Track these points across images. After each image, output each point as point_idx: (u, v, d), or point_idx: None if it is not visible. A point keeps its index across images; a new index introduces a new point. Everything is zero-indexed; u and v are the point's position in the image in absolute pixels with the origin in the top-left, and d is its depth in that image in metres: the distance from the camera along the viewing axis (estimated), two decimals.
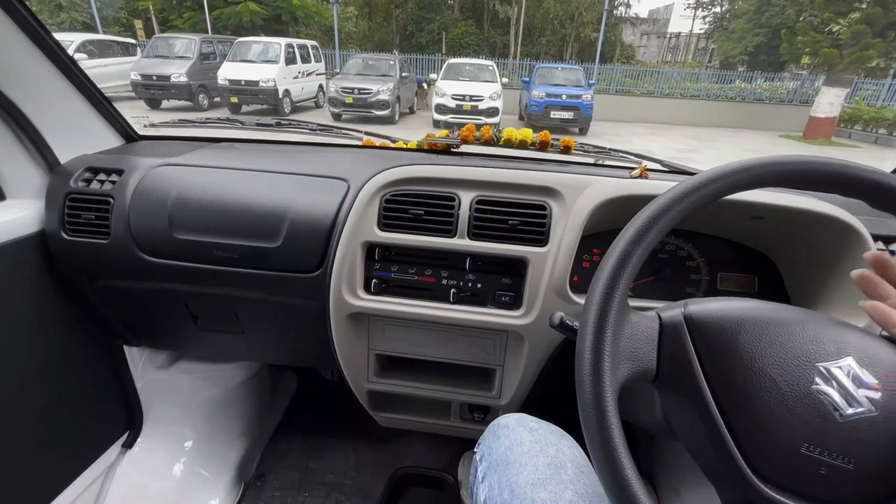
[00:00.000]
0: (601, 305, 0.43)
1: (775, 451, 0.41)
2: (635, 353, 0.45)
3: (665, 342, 0.46)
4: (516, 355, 0.91)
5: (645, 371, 0.45)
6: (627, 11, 26.03)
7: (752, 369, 0.43)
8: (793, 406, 0.41)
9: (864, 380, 0.41)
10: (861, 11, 10.05)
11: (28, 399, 0.95)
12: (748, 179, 0.45)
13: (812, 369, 0.42)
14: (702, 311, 0.47)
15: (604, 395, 0.41)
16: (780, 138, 11.31)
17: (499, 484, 0.61)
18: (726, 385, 0.43)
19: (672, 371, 0.45)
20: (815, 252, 0.81)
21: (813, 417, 0.40)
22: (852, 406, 0.40)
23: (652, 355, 0.46)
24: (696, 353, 0.45)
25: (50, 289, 0.98)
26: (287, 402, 1.62)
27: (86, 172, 0.97)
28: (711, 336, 0.45)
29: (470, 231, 0.86)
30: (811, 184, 0.46)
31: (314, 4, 15.62)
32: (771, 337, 0.44)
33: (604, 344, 0.42)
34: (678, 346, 0.45)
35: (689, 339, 0.45)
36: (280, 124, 1.19)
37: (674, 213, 0.45)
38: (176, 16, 15.68)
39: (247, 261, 0.90)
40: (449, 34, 21.59)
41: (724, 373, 0.44)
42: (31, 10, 0.84)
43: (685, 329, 0.46)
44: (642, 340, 0.46)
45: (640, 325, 0.46)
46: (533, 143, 1.09)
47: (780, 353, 0.43)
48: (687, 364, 0.45)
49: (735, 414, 0.42)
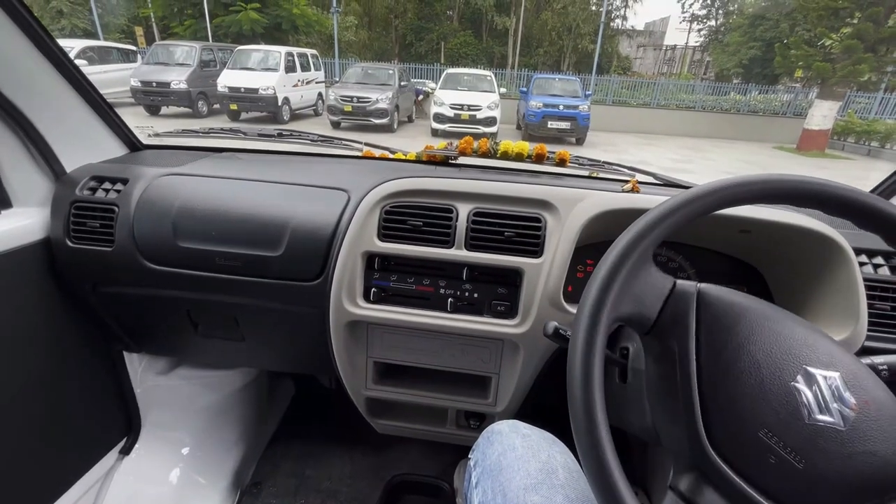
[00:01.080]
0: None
1: (735, 426, 0.43)
2: (642, 298, 0.48)
3: (671, 301, 0.49)
4: (512, 363, 0.93)
5: (644, 316, 0.49)
6: (624, 24, 26.40)
7: (743, 348, 0.45)
8: (766, 392, 0.43)
9: (844, 396, 0.42)
10: (853, 27, 10.24)
11: (28, 403, 0.96)
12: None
13: (798, 368, 0.44)
14: (713, 291, 0.50)
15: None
16: (775, 150, 11.43)
17: (492, 489, 0.63)
18: (714, 354, 0.46)
19: (668, 325, 0.48)
20: (801, 265, 0.84)
21: (781, 408, 0.42)
22: (823, 413, 0.42)
23: (656, 306, 0.49)
24: (697, 319, 0.48)
25: (53, 295, 0.99)
26: (284, 409, 1.62)
27: (91, 181, 0.99)
28: (715, 311, 0.48)
29: (467, 242, 0.88)
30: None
31: (314, 13, 15.77)
32: (770, 329, 0.46)
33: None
34: (682, 309, 0.49)
35: (694, 307, 0.48)
36: (282, 135, 1.22)
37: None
38: (177, 23, 15.77)
39: (249, 269, 0.92)
40: (448, 44, 21.80)
41: (716, 344, 0.46)
42: (37, 19, 0.86)
43: (694, 298, 0.49)
44: (652, 291, 0.49)
45: (654, 278, 0.49)
46: (529, 156, 1.11)
47: (774, 345, 0.45)
48: (684, 325, 0.48)
49: (711, 380, 0.45)
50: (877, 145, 11.02)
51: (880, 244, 0.86)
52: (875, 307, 0.80)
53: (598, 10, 20.66)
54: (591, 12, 21.89)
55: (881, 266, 0.85)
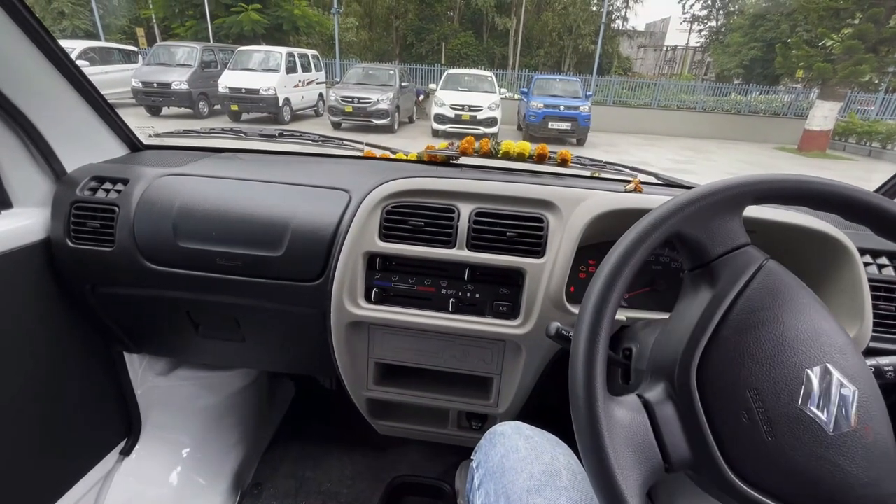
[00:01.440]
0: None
1: (728, 372, 0.44)
2: (715, 233, 0.47)
3: (736, 254, 0.48)
4: (513, 364, 0.92)
5: (705, 248, 0.48)
6: (625, 24, 26.41)
7: (778, 319, 0.45)
8: (777, 363, 0.43)
9: (849, 411, 0.41)
10: (854, 27, 10.24)
11: (28, 405, 0.96)
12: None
13: (820, 361, 0.43)
14: (779, 268, 0.49)
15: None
16: (776, 150, 11.42)
17: (495, 491, 0.62)
18: (747, 310, 0.45)
19: (719, 271, 0.47)
20: (805, 265, 0.83)
21: (781, 382, 0.42)
22: (818, 408, 0.41)
23: (722, 248, 0.48)
24: (749, 280, 0.47)
25: (53, 295, 0.99)
26: (284, 410, 1.62)
27: (92, 181, 0.98)
28: (771, 282, 0.47)
29: (469, 242, 0.87)
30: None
31: (315, 14, 15.81)
32: (814, 320, 0.45)
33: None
34: (741, 265, 0.47)
35: (753, 270, 0.47)
36: (283, 135, 1.21)
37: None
38: (178, 24, 15.80)
39: (249, 269, 0.91)
40: (448, 45, 21.83)
41: (755, 303, 0.46)
42: (39, 19, 0.86)
43: (757, 264, 0.48)
44: (727, 234, 0.48)
45: (735, 227, 0.48)
46: (531, 156, 1.11)
47: (809, 332, 0.44)
48: (735, 277, 0.47)
49: (730, 328, 0.45)
50: (878, 146, 11.02)
51: (885, 244, 0.86)
52: (880, 308, 0.80)
53: (598, 10, 20.68)
54: (592, 13, 21.91)
55: (886, 266, 0.85)
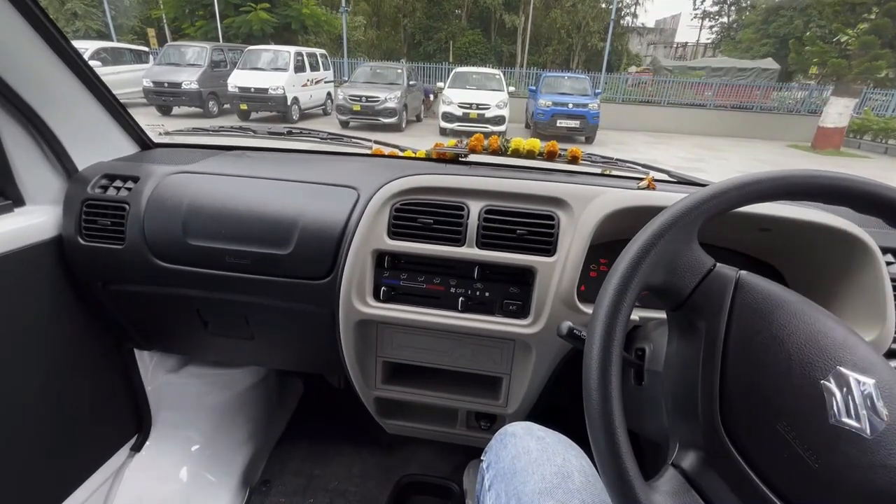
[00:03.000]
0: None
1: (753, 414, 0.41)
2: (677, 270, 0.46)
3: (709, 280, 0.47)
4: (523, 364, 0.91)
5: (677, 288, 0.47)
6: (634, 21, 26.14)
7: (776, 338, 0.43)
8: (793, 386, 0.41)
9: (876, 406, 0.40)
10: (870, 22, 10.05)
11: (39, 400, 0.97)
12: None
13: (831, 368, 0.41)
14: (754, 279, 0.48)
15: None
16: (789, 148, 11.25)
17: (506, 493, 0.61)
18: (744, 339, 0.44)
19: (700, 303, 0.47)
20: (823, 264, 0.81)
21: (806, 405, 0.40)
22: (850, 417, 0.39)
23: (692, 281, 0.47)
24: (732, 303, 0.46)
25: (64, 293, 1.00)
26: (293, 407, 1.62)
27: (103, 179, 0.99)
28: (752, 298, 0.46)
29: (478, 240, 0.86)
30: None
31: (324, 13, 15.83)
32: (807, 324, 0.44)
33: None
34: (718, 289, 0.47)
35: (730, 291, 0.47)
36: (291, 133, 1.21)
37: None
38: (188, 24, 15.94)
39: (258, 267, 0.91)
40: (456, 43, 21.78)
41: (748, 329, 0.44)
42: (52, 20, 0.87)
43: (733, 283, 0.47)
44: (690, 265, 0.47)
45: (694, 254, 0.48)
46: (541, 153, 1.10)
47: (809, 340, 0.43)
48: (718, 305, 0.46)
49: (736, 366, 0.43)
50: (894, 143, 10.80)
51: None
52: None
53: (607, 7, 20.52)
54: (601, 10, 21.72)
55: None
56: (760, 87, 13.75)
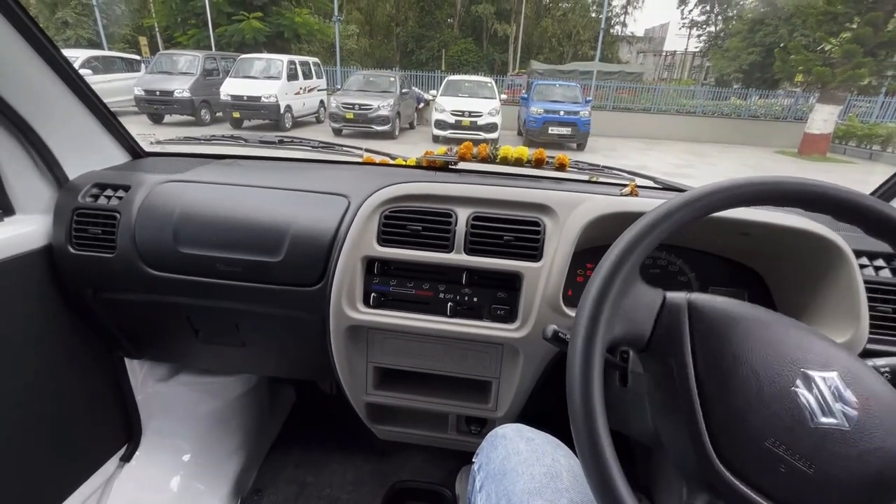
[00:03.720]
0: (589, 320, 0.45)
1: (741, 438, 0.42)
2: (632, 316, 0.48)
3: (663, 315, 0.49)
4: (512, 368, 0.92)
5: (638, 334, 0.48)
6: (624, 30, 26.62)
7: (739, 358, 0.44)
8: (769, 401, 0.42)
9: (844, 395, 0.42)
10: (852, 31, 10.27)
11: (29, 410, 0.96)
12: (727, 199, 0.48)
13: (796, 373, 0.43)
14: (705, 301, 0.49)
15: (593, 405, 0.42)
16: (777, 154, 11.42)
17: (496, 493, 0.62)
18: (711, 367, 0.45)
19: (663, 342, 0.48)
20: (801, 267, 0.84)
21: (785, 415, 0.42)
22: (826, 416, 0.41)
23: (648, 323, 0.48)
24: (691, 331, 0.47)
25: (55, 302, 1.00)
26: (285, 415, 1.62)
27: (93, 188, 0.99)
28: (708, 321, 0.47)
29: (466, 246, 0.88)
30: (785, 202, 0.48)
31: (316, 22, 15.89)
32: (764, 336, 0.46)
33: (593, 355, 0.44)
34: (674, 322, 0.48)
35: (686, 319, 0.48)
36: (283, 141, 1.22)
37: (657, 233, 0.47)
38: (180, 33, 15.93)
39: (249, 275, 0.92)
40: (448, 51, 21.96)
41: (712, 355, 0.46)
42: (41, 28, 0.87)
43: (686, 311, 0.48)
44: (643, 307, 0.48)
45: (642, 294, 0.49)
46: (529, 161, 1.12)
47: (769, 351, 0.44)
48: (679, 338, 0.47)
49: (712, 394, 0.44)
50: (878, 149, 11.02)
51: (881, 246, 0.86)
52: (877, 309, 0.80)
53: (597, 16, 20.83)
54: (591, 19, 22.09)
55: (882, 268, 0.85)
56: (627, 89, 14.36)
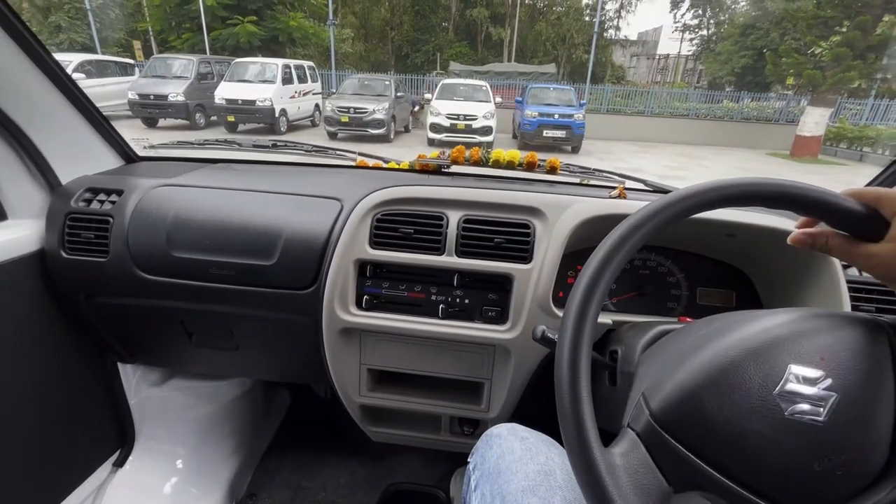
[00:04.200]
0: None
1: (798, 485, 0.42)
2: (647, 489, 0.44)
3: (657, 456, 0.46)
4: (503, 369, 0.93)
5: (663, 495, 0.45)
6: (617, 34, 26.81)
7: (735, 434, 0.44)
8: (784, 441, 0.42)
9: (809, 376, 0.43)
10: (842, 35, 10.39)
11: (21, 415, 0.96)
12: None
13: (774, 399, 0.43)
14: (663, 404, 0.48)
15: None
16: (769, 156, 11.54)
17: (490, 492, 0.63)
18: (726, 459, 0.44)
19: (681, 476, 0.45)
20: (785, 267, 0.85)
21: (804, 438, 0.42)
22: (821, 406, 0.42)
23: (659, 478, 0.45)
24: (686, 448, 0.45)
25: (47, 307, 0.99)
26: (280, 419, 1.61)
27: (86, 193, 0.99)
28: (686, 425, 0.46)
29: (457, 249, 0.89)
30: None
31: (311, 26, 15.90)
32: (728, 395, 0.45)
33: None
34: (670, 454, 0.46)
35: (673, 442, 0.46)
36: (276, 145, 1.23)
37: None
38: (175, 37, 15.87)
39: (242, 278, 0.93)
40: (443, 55, 22.01)
41: (717, 449, 0.44)
42: (32, 32, 0.87)
43: (664, 434, 0.46)
44: (642, 474, 0.45)
45: (631, 462, 0.46)
46: (520, 164, 1.13)
47: (744, 405, 0.44)
48: (687, 463, 0.45)
49: (748, 476, 0.43)
50: (869, 150, 11.15)
51: None
52: (860, 309, 0.81)
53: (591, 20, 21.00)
54: (585, 23, 22.24)
55: None
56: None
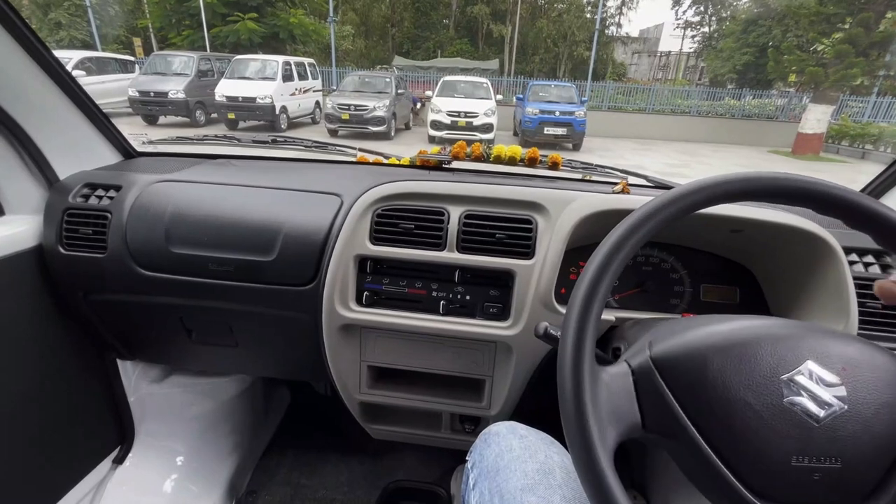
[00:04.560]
0: (579, 316, 0.45)
1: (769, 470, 0.43)
2: (619, 413, 0.46)
3: (642, 392, 0.47)
4: (505, 366, 0.92)
5: (632, 426, 0.46)
6: (619, 31, 26.70)
7: (727, 399, 0.44)
8: (772, 424, 0.43)
9: (826, 379, 0.43)
10: (844, 32, 10.35)
11: (20, 412, 0.95)
12: (708, 197, 0.48)
13: (779, 384, 0.43)
14: (667, 351, 0.48)
15: (584, 400, 0.42)
16: (770, 153, 11.50)
17: (489, 490, 0.63)
18: (708, 419, 0.45)
19: (657, 419, 0.46)
20: (791, 264, 0.84)
21: (793, 430, 0.42)
22: (824, 409, 0.42)
23: (634, 409, 0.47)
24: (673, 395, 0.46)
25: (45, 303, 0.99)
26: (280, 416, 1.61)
27: (84, 188, 0.99)
28: (682, 374, 0.47)
29: (459, 244, 0.88)
30: (769, 197, 0.48)
31: (312, 23, 15.85)
32: (735, 361, 0.45)
33: (583, 351, 0.44)
34: (655, 393, 0.47)
35: (663, 384, 0.47)
36: (276, 141, 1.22)
37: (645, 230, 0.47)
38: (175, 34, 15.84)
39: (241, 274, 0.92)
40: (444, 52, 21.97)
41: (704, 408, 0.45)
42: (32, 29, 0.87)
43: (656, 374, 0.47)
44: (621, 398, 0.47)
45: (615, 384, 0.47)
46: (522, 160, 1.12)
47: (747, 376, 0.44)
48: (668, 409, 0.46)
49: (723, 444, 0.44)
50: (871, 148, 11.11)
51: (870, 242, 0.87)
52: (866, 305, 0.80)
53: (592, 17, 20.94)
54: (586, 20, 22.16)
55: (872, 264, 0.86)
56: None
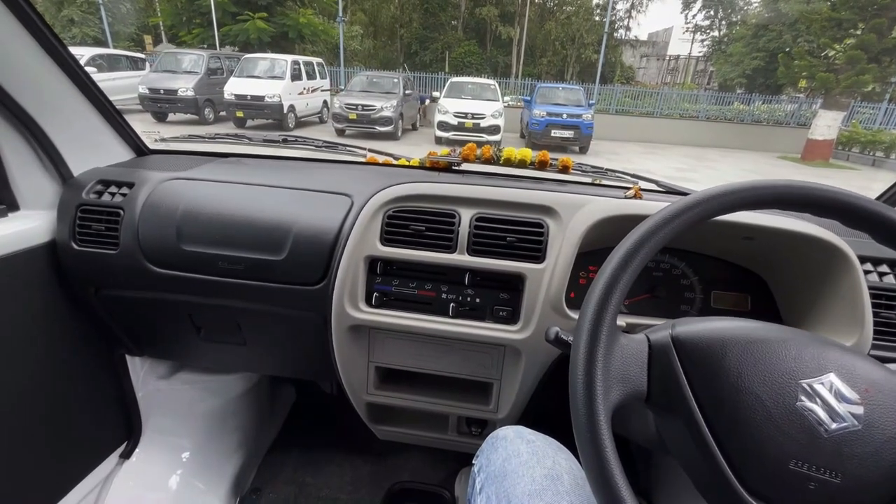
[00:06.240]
0: (592, 323, 0.45)
1: (765, 467, 0.42)
2: (626, 376, 0.46)
3: (654, 364, 0.48)
4: (513, 369, 0.92)
5: (636, 392, 0.47)
6: (627, 34, 26.60)
7: (739, 388, 0.44)
8: (779, 423, 0.42)
9: (845, 395, 0.42)
10: (856, 37, 10.26)
11: (29, 406, 0.96)
12: (734, 202, 0.48)
13: (796, 387, 0.43)
14: (689, 332, 0.48)
15: (597, 410, 0.42)
16: (779, 160, 11.41)
17: (496, 495, 0.62)
18: (715, 404, 0.44)
19: (662, 391, 0.47)
20: (804, 272, 0.83)
21: (799, 433, 0.42)
22: (836, 421, 0.41)
23: (642, 377, 0.47)
24: (685, 373, 0.46)
25: (57, 298, 1.00)
26: (285, 414, 1.62)
27: (97, 185, 1.00)
28: (698, 356, 0.46)
29: (469, 247, 0.88)
30: (792, 205, 0.48)
31: (321, 23, 15.93)
32: (755, 356, 0.45)
33: (596, 359, 0.44)
34: (667, 368, 0.47)
35: (677, 361, 0.47)
36: (286, 140, 1.22)
37: (662, 235, 0.47)
38: (185, 31, 15.97)
39: (251, 273, 0.92)
40: (452, 53, 21.97)
41: (713, 392, 0.45)
42: (49, 26, 0.88)
43: (673, 350, 0.47)
44: (632, 363, 0.47)
45: (629, 348, 0.47)
46: (532, 163, 1.11)
47: (765, 372, 0.44)
48: (676, 384, 0.46)
49: (724, 431, 0.44)
50: (882, 155, 11.00)
51: (885, 252, 0.86)
52: (881, 315, 0.79)
53: (601, 20, 20.83)
54: (595, 22, 22.07)
55: (886, 274, 0.85)
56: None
